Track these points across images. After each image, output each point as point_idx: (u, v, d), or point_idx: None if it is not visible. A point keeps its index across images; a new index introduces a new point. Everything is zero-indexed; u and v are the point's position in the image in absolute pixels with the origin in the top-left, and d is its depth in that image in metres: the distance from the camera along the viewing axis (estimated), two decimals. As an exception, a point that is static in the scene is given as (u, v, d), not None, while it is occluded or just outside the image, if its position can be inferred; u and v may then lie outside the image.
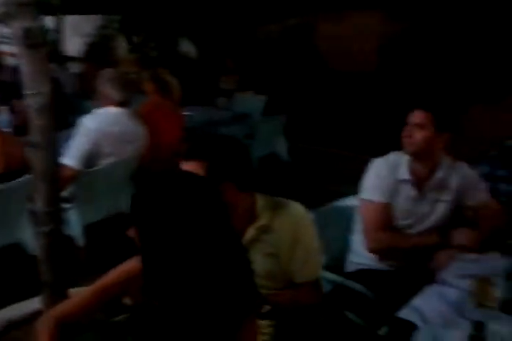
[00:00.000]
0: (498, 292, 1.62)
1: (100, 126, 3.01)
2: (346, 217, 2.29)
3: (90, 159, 2.99)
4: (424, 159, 2.14)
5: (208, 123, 4.29)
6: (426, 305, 1.63)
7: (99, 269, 3.13)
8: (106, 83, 3.13)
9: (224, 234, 1.24)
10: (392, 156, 2.21)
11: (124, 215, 3.27)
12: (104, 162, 3.03)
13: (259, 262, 1.53)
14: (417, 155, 2.14)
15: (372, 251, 2.11)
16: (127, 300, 1.56)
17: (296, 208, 1.71)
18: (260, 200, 1.68)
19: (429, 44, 5.05)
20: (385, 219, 2.10)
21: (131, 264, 1.42)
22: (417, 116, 2.11)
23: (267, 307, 1.58)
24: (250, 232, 1.64)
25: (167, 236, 1.17)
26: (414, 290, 1.75)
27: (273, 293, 1.63)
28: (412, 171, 2.15)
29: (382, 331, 1.50)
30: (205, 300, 1.21)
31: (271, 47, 6.49)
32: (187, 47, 7.29)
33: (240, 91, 6.07)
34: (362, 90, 5.70)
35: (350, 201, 2.34)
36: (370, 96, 5.50)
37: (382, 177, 2.14)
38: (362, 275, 2.09)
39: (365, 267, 2.15)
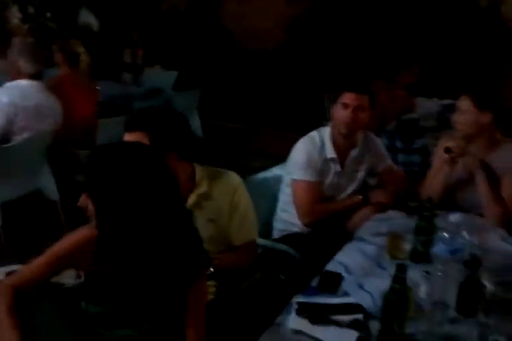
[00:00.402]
0: (407, 245, 1.89)
1: (13, 99, 2.90)
2: (270, 187, 2.46)
3: (4, 134, 2.88)
4: (350, 137, 2.34)
5: (121, 98, 4.24)
6: (348, 259, 1.86)
7: (18, 248, 3.07)
8: (16, 54, 3.00)
9: (172, 200, 1.35)
10: (316, 134, 2.38)
11: (41, 193, 3.20)
12: (19, 137, 2.93)
13: (201, 227, 1.65)
14: (349, 134, 2.32)
15: (308, 224, 2.28)
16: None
17: (233, 177, 1.85)
18: (198, 170, 1.79)
19: (331, 23, 5.31)
20: (317, 195, 2.29)
21: (81, 233, 1.47)
22: (354, 98, 2.26)
23: (210, 270, 1.72)
24: (191, 199, 1.75)
25: (120, 204, 1.26)
26: (336, 248, 1.98)
27: (215, 257, 1.76)
28: (337, 149, 2.34)
29: (314, 282, 1.70)
30: (157, 264, 1.32)
31: (176, 21, 6.43)
32: (87, 18, 6.99)
33: (145, 65, 5.99)
34: (267, 68, 5.87)
35: (273, 172, 2.51)
36: (276, 74, 5.69)
37: (312, 157, 2.29)
38: (288, 239, 2.28)
39: (291, 232, 2.34)
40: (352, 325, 1.48)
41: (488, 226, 2.01)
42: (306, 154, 2.31)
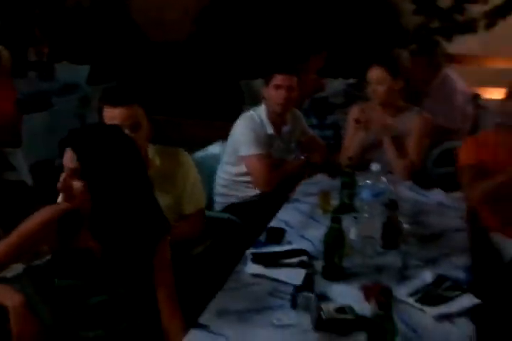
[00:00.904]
0: (335, 201, 2.19)
1: None
2: (208, 165, 2.67)
3: None
4: (283, 115, 2.61)
5: (37, 95, 4.21)
6: (288, 216, 2.14)
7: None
8: None
9: (142, 173, 1.54)
10: (253, 113, 2.60)
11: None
12: None
13: (158, 198, 1.84)
14: (283, 113, 2.58)
15: (269, 191, 2.49)
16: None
17: (181, 152, 2.05)
18: (150, 148, 1.98)
19: (239, 11, 5.54)
20: (270, 165, 2.52)
21: (46, 213, 1.57)
22: (285, 80, 2.51)
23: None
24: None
25: (107, 176, 1.42)
26: (272, 213, 2.23)
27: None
28: (273, 126, 2.59)
29: (262, 237, 1.94)
30: (132, 228, 1.49)
31: (82, 16, 6.36)
32: (-16, 16, 6.70)
33: (52, 62, 5.89)
34: (180, 58, 6.00)
35: (210, 151, 2.73)
36: (190, 64, 5.84)
37: (257, 132, 2.51)
38: (230, 209, 2.51)
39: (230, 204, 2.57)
40: (299, 264, 1.75)
41: (397, 179, 2.36)
42: (252, 130, 2.52)
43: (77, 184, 1.39)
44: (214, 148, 2.71)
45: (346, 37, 5.08)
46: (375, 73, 2.54)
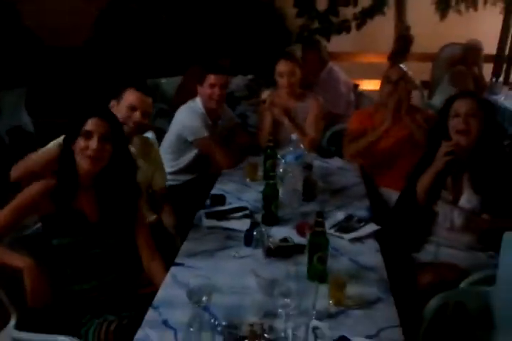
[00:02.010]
0: (260, 170, 2.68)
1: None
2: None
3: None
4: (217, 110, 2.99)
5: None
6: (224, 186, 2.60)
7: None
8: None
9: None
10: (193, 105, 2.94)
11: None
12: None
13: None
14: (217, 108, 2.95)
15: (232, 165, 2.87)
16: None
17: (150, 138, 2.48)
18: None
19: (137, 15, 5.82)
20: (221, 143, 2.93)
21: (36, 187, 1.88)
22: (219, 79, 2.88)
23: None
24: None
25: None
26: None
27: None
28: (210, 118, 2.94)
29: (207, 202, 2.38)
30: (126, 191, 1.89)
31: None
32: None
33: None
34: (80, 63, 6.13)
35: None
36: (90, 68, 6.00)
37: (202, 119, 2.87)
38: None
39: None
40: (244, 216, 2.22)
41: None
42: (198, 117, 2.87)
43: (108, 146, 1.77)
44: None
45: (242, 40, 5.62)
46: (288, 66, 3.06)
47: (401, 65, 3.01)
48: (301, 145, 2.50)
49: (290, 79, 3.08)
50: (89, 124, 1.79)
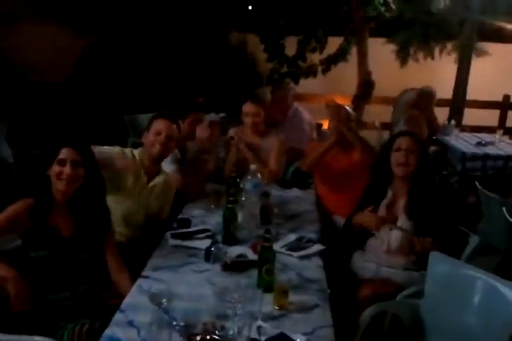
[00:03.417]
0: (225, 198, 2.95)
1: None
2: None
3: None
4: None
5: None
6: (190, 211, 2.86)
7: None
8: None
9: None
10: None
11: None
12: None
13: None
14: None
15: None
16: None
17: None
18: None
19: (118, 55, 6.20)
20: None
21: (19, 204, 2.11)
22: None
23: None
24: None
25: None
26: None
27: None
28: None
29: (174, 225, 2.63)
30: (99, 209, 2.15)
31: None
32: None
33: None
34: (57, 99, 6.41)
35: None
36: (72, 103, 6.29)
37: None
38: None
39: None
40: (206, 237, 2.47)
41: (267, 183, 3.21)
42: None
43: (80, 170, 2.03)
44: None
45: (217, 81, 6.01)
46: (253, 108, 3.41)
47: (346, 107, 3.40)
48: (259, 175, 2.79)
49: (254, 119, 3.42)
50: (63, 153, 2.07)
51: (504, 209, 2.95)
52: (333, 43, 6.53)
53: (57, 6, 6.11)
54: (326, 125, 5.27)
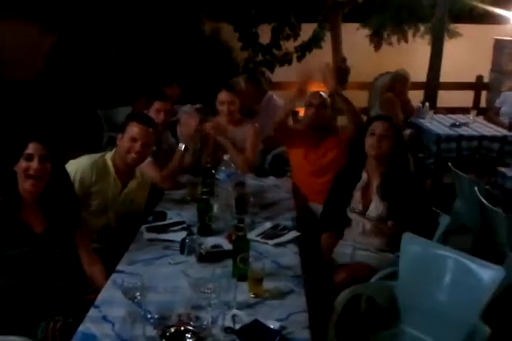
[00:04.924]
0: (200, 189, 2.94)
1: None
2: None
3: None
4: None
5: None
6: (167, 204, 2.85)
7: None
8: None
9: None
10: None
11: None
12: None
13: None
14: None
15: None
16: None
17: None
18: None
19: (88, 49, 6.09)
20: None
21: None
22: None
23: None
24: None
25: None
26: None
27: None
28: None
29: (150, 218, 2.62)
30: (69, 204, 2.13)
31: None
32: None
33: None
34: (27, 97, 6.30)
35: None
36: (45, 99, 6.20)
37: None
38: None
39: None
40: (182, 229, 2.47)
41: (242, 172, 3.21)
42: None
43: (47, 165, 2.01)
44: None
45: (191, 72, 5.96)
46: (228, 96, 3.39)
47: (321, 92, 3.38)
48: (232, 165, 2.79)
49: (230, 107, 3.41)
50: (30, 148, 2.04)
51: (476, 188, 3.00)
52: (308, 30, 6.49)
53: (23, 2, 5.98)
54: (302, 112, 5.32)
